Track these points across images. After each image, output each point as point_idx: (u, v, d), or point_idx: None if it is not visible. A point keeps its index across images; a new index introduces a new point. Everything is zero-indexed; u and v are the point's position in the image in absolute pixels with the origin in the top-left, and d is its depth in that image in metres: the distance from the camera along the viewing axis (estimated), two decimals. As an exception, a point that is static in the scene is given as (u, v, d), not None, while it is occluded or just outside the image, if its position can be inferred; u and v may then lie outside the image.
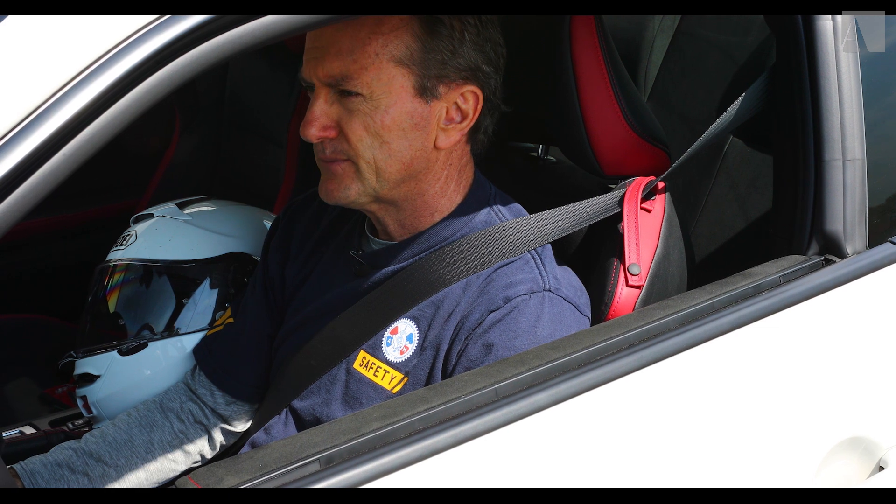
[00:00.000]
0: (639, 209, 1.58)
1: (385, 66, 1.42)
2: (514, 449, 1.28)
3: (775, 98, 1.66)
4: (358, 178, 1.47)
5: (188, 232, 1.91)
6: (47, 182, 1.00)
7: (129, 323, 1.88)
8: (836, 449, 1.55)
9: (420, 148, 1.48)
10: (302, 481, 1.15)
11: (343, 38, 1.41)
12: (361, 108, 1.43)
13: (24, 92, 0.99)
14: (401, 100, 1.44)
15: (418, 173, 1.50)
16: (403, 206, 1.54)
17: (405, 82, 1.44)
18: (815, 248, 1.60)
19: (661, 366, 1.39)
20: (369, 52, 1.41)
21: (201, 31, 1.04)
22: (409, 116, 1.45)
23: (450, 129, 1.50)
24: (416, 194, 1.53)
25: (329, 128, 1.45)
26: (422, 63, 1.44)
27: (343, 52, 1.41)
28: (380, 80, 1.42)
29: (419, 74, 1.44)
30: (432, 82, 1.45)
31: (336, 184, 1.49)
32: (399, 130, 1.45)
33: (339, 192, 1.49)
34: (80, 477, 1.60)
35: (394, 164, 1.47)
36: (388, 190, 1.50)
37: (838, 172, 1.58)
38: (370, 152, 1.45)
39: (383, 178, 1.48)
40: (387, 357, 1.52)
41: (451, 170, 1.54)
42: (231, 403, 1.74)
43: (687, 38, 2.62)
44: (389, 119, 1.44)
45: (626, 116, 1.64)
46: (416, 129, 1.47)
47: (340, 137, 1.45)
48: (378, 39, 1.41)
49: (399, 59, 1.42)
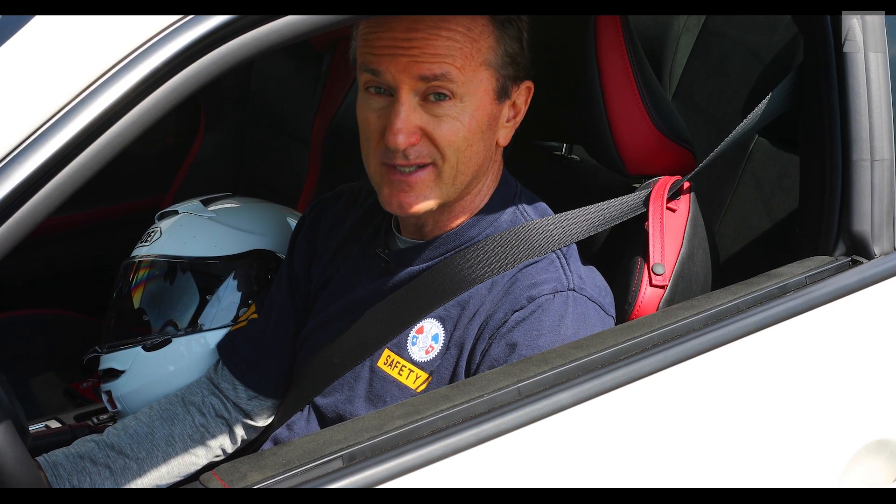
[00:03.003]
0: (664, 209, 1.57)
1: (477, 69, 1.42)
2: (537, 448, 1.27)
3: (802, 97, 1.65)
4: (437, 185, 1.45)
5: (212, 229, 1.92)
6: (75, 179, 1.01)
7: (153, 319, 1.89)
8: (862, 451, 1.54)
9: (489, 147, 1.49)
10: (325, 478, 1.15)
11: (438, 41, 1.39)
12: (450, 113, 1.41)
13: (51, 91, 0.99)
14: (484, 102, 1.44)
15: (480, 174, 1.51)
16: (454, 206, 1.53)
17: (489, 85, 1.44)
18: (841, 248, 1.59)
19: (685, 366, 1.38)
20: (466, 54, 1.40)
21: (224, 31, 1.05)
22: (488, 118, 1.46)
23: (509, 126, 1.52)
24: (468, 194, 1.53)
25: (415, 133, 1.42)
26: (503, 65, 1.45)
27: (440, 54, 1.39)
28: (472, 82, 1.41)
29: (500, 76, 1.45)
30: (508, 83, 1.47)
31: (414, 196, 1.45)
32: (480, 132, 1.45)
33: (418, 203, 1.46)
34: (102, 469, 1.62)
35: (471, 167, 1.47)
36: (456, 193, 1.49)
37: (866, 172, 1.57)
38: (455, 156, 1.44)
39: (458, 181, 1.47)
40: (412, 356, 1.53)
41: (495, 166, 1.55)
42: (253, 398, 1.75)
43: (712, 37, 2.61)
44: (475, 122, 1.43)
45: (650, 116, 1.63)
46: (491, 129, 1.47)
47: (425, 141, 1.43)
48: (472, 43, 1.41)
49: (487, 61, 1.43)
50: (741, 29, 2.53)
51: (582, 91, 1.65)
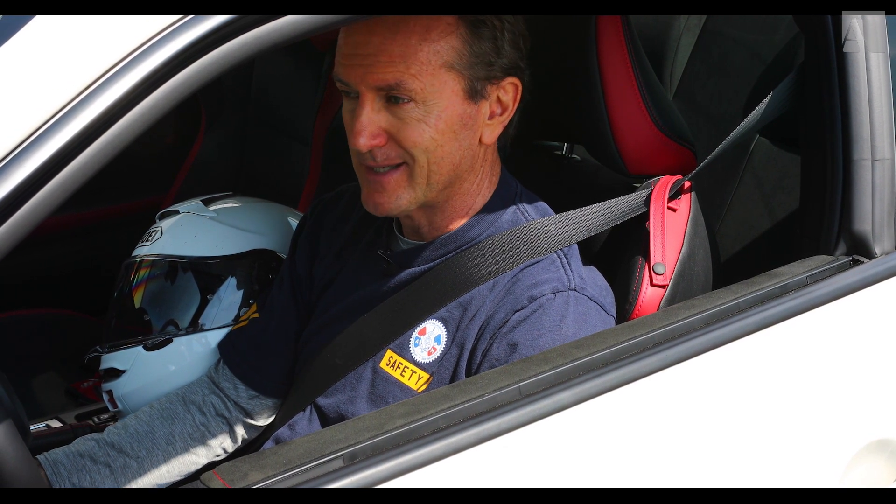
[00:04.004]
0: (665, 208, 1.57)
1: (437, 73, 1.41)
2: (538, 447, 1.27)
3: (803, 97, 1.65)
4: (409, 185, 1.46)
5: (213, 228, 1.92)
6: (75, 179, 1.01)
7: (154, 318, 1.89)
8: (862, 451, 1.54)
9: (468, 146, 1.48)
10: (326, 477, 1.15)
11: (393, 46, 1.39)
12: (413, 115, 1.41)
13: (51, 91, 0.99)
14: (452, 104, 1.43)
15: (463, 172, 1.50)
16: (443, 206, 1.53)
17: (456, 87, 1.43)
18: (842, 248, 1.59)
19: (685, 366, 1.38)
20: (421, 58, 1.40)
21: (224, 31, 1.05)
22: (460, 118, 1.45)
23: (493, 123, 1.51)
24: (456, 194, 1.53)
25: (378, 135, 1.42)
26: (470, 66, 1.43)
27: (395, 59, 1.39)
28: (432, 86, 1.41)
29: (468, 77, 1.44)
30: (481, 84, 1.45)
31: (386, 196, 1.47)
32: (451, 133, 1.45)
33: (390, 203, 1.47)
34: (102, 468, 1.62)
35: (445, 167, 1.47)
36: (435, 193, 1.49)
37: (867, 172, 1.57)
38: (424, 157, 1.44)
39: (433, 181, 1.47)
40: (414, 357, 1.53)
41: (486, 165, 1.55)
42: (254, 398, 1.75)
43: (713, 37, 2.60)
44: (442, 123, 1.43)
45: (651, 115, 1.63)
46: (466, 128, 1.47)
47: (391, 143, 1.43)
48: (429, 46, 1.40)
49: (450, 64, 1.42)
50: (742, 28, 2.53)
51: (583, 90, 1.65)
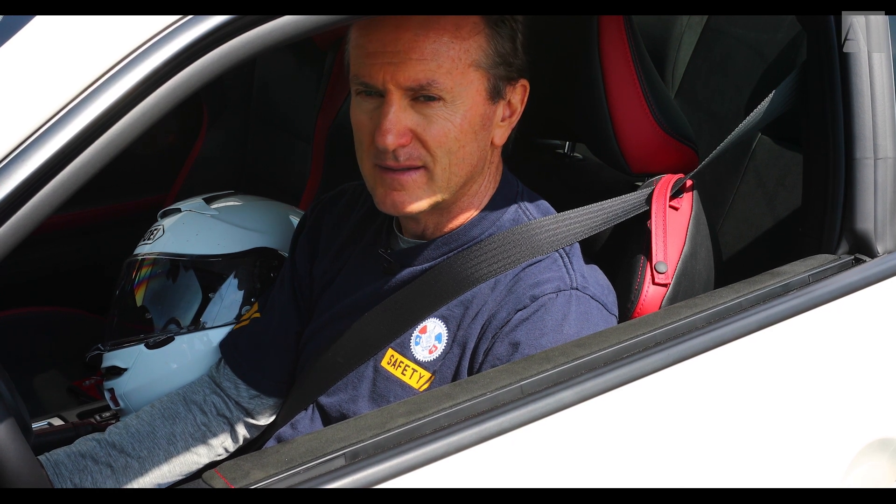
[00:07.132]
0: (667, 207, 1.57)
1: (466, 71, 1.41)
2: (540, 446, 1.27)
3: (805, 95, 1.65)
4: (430, 186, 1.45)
5: (215, 227, 1.92)
6: (77, 178, 1.01)
7: (155, 317, 1.90)
8: (864, 450, 1.53)
9: (483, 148, 1.48)
10: (327, 476, 1.15)
11: (425, 44, 1.38)
12: (440, 114, 1.41)
13: (52, 91, 1.00)
14: (476, 103, 1.43)
15: (476, 174, 1.50)
16: (450, 207, 1.53)
17: (480, 87, 1.43)
18: (844, 247, 1.59)
19: (687, 364, 1.38)
20: (453, 56, 1.40)
21: (224, 31, 1.05)
22: (481, 119, 1.45)
23: (504, 125, 1.51)
24: (465, 195, 1.53)
25: (404, 134, 1.41)
26: (494, 66, 1.44)
27: (426, 57, 1.39)
28: (461, 84, 1.41)
29: (492, 76, 1.44)
30: (502, 83, 1.46)
31: (406, 195, 1.46)
32: (472, 133, 1.45)
33: (410, 203, 1.46)
34: (103, 468, 1.62)
35: (464, 168, 1.47)
36: (450, 194, 1.48)
37: (869, 171, 1.57)
38: (447, 158, 1.44)
39: (452, 183, 1.47)
40: (415, 356, 1.53)
41: (493, 167, 1.55)
42: (255, 397, 1.75)
43: (715, 35, 2.60)
44: (466, 123, 1.43)
45: (653, 114, 1.63)
46: (484, 129, 1.47)
47: (415, 143, 1.43)
48: (459, 44, 1.40)
49: (477, 63, 1.42)
50: (744, 27, 2.53)
51: (585, 89, 1.65)
